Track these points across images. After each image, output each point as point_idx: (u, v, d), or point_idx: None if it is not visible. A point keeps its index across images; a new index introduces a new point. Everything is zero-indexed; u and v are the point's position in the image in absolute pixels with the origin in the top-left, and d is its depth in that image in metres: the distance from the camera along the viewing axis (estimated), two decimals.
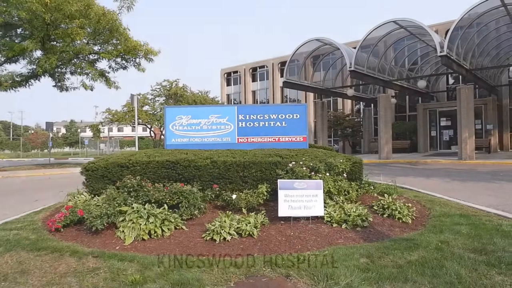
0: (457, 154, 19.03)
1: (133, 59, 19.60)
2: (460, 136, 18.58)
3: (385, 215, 5.68)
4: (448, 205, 6.81)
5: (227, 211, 5.55)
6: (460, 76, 23.84)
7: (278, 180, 5.47)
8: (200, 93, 33.49)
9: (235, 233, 4.88)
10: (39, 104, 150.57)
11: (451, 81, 27.65)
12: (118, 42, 18.65)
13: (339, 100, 31.72)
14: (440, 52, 15.63)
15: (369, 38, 19.09)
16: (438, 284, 3.32)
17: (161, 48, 19.73)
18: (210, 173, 6.40)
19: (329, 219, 5.30)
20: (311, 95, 31.90)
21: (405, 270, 3.63)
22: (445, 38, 16.44)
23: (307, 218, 5.39)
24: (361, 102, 29.80)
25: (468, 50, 18.57)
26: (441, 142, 26.60)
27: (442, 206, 6.65)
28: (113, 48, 18.94)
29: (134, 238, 4.86)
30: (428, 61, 24.81)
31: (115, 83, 20.03)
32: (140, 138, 59.75)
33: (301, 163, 6.15)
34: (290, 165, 6.14)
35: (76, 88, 20.41)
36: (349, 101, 31.20)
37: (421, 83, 22.76)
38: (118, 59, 19.62)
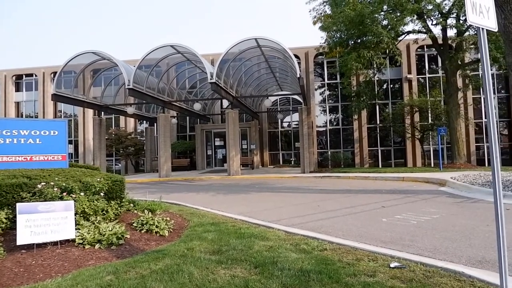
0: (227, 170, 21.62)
1: None
2: (228, 155, 21.19)
3: (143, 231, 5.84)
4: (206, 216, 7.61)
5: None
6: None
7: (17, 204, 4.78)
8: None
9: None
10: None
11: (225, 105, 31.32)
12: None
13: (122, 118, 30.83)
14: (210, 79, 17.58)
15: (150, 58, 19.54)
16: (172, 285, 3.64)
17: None
18: None
19: (81, 241, 5.01)
20: (90, 111, 29.67)
21: (147, 279, 3.82)
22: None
23: (56, 243, 4.92)
24: (145, 121, 29.90)
25: (235, 80, 21.61)
26: (216, 160, 29.53)
27: (200, 217, 7.38)
28: None
29: None
30: (205, 85, 27.10)
31: None
32: None
33: (52, 183, 5.60)
34: (39, 186, 5.50)
35: None
36: (133, 119, 30.78)
37: (197, 106, 24.80)
38: None
